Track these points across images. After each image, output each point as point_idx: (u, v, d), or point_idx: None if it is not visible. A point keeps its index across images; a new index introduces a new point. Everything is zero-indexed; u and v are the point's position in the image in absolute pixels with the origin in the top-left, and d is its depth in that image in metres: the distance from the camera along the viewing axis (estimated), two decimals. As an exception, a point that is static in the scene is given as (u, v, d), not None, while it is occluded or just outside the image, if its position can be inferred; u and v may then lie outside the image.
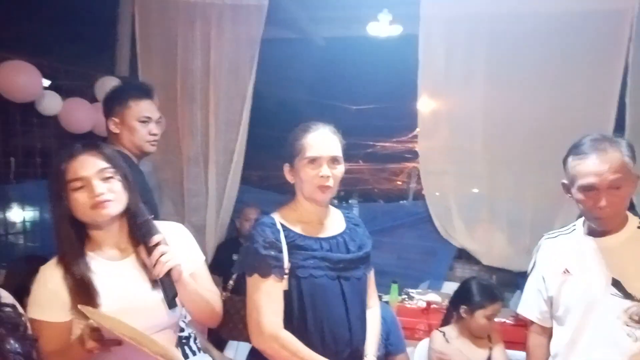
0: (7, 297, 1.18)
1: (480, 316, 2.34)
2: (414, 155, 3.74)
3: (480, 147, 3.55)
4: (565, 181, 1.71)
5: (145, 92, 2.20)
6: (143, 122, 2.15)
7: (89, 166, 1.39)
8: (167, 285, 1.40)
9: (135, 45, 3.85)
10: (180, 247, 1.50)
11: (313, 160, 1.60)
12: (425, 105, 3.64)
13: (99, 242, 1.44)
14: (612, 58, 3.21)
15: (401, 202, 4.79)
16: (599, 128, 3.10)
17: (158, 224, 1.51)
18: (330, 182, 1.60)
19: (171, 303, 1.41)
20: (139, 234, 1.44)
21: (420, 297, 3.28)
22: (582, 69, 3.27)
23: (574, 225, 1.82)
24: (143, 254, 1.43)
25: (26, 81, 2.93)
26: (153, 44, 3.84)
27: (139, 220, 1.44)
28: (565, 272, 1.74)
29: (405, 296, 3.34)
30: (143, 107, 2.16)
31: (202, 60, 3.77)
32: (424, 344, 2.57)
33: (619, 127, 3.15)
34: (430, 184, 3.69)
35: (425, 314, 3.16)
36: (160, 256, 1.38)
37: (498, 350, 2.38)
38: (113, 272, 1.42)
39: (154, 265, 1.38)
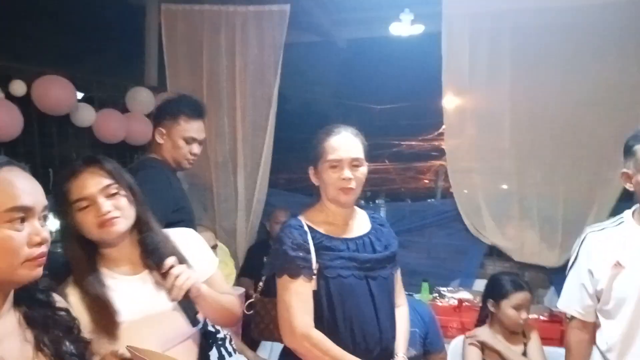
0: (61, 302, 1.22)
1: (506, 307, 2.33)
2: (441, 153, 3.73)
3: (508, 143, 3.52)
4: (627, 170, 1.72)
5: (198, 112, 2.22)
6: (188, 141, 2.18)
7: (93, 184, 1.34)
8: (186, 306, 1.38)
9: (162, 55, 3.95)
10: (193, 254, 1.47)
11: (334, 163, 1.63)
12: (450, 102, 3.63)
13: (112, 258, 1.41)
14: (637, 51, 3.15)
15: (429, 200, 4.76)
16: (628, 121, 3.05)
17: (168, 231, 1.50)
18: (352, 185, 1.63)
19: (194, 322, 1.40)
20: (149, 261, 1.40)
21: (452, 295, 3.27)
22: (609, 62, 3.21)
23: (621, 217, 1.82)
24: (157, 275, 1.39)
25: (61, 94, 3.03)
26: (179, 52, 3.93)
27: (149, 246, 1.40)
28: (617, 265, 1.73)
29: (437, 294, 3.33)
30: (192, 127, 2.18)
31: (228, 67, 3.84)
32: (457, 341, 2.57)
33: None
34: (458, 181, 3.67)
35: (458, 311, 3.15)
36: (175, 280, 1.34)
37: (533, 345, 2.36)
38: (130, 286, 1.39)
39: (170, 290, 1.34)
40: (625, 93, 3.20)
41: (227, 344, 2.59)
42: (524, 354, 2.36)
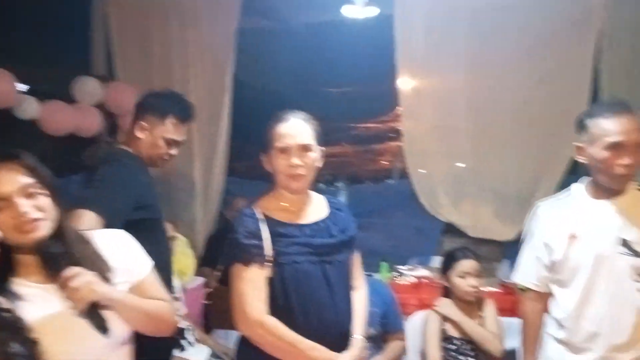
0: (4, 302, 1.18)
1: (453, 276, 2.41)
2: (398, 134, 3.76)
3: (463, 123, 3.58)
4: (579, 144, 1.78)
5: (187, 115, 2.14)
6: (169, 142, 2.09)
7: (10, 182, 1.21)
8: (92, 315, 1.25)
9: (111, 43, 3.83)
10: (120, 259, 1.36)
11: (283, 150, 1.64)
12: (406, 84, 3.66)
13: (27, 265, 1.26)
14: (583, 29, 3.25)
15: (387, 181, 4.83)
16: (574, 99, 3.16)
17: (96, 233, 1.40)
18: (302, 171, 1.64)
19: (102, 330, 1.26)
20: (50, 269, 1.25)
21: (410, 273, 3.35)
22: (555, 41, 3.31)
23: (568, 190, 1.89)
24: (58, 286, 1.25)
25: (1, 88, 2.91)
26: (129, 40, 3.81)
27: (45, 256, 1.25)
28: (571, 236, 1.80)
29: (396, 273, 3.40)
30: (177, 130, 2.09)
31: (180, 54, 3.76)
32: (416, 317, 2.63)
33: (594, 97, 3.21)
34: (415, 162, 3.72)
35: (417, 289, 3.23)
36: (73, 292, 1.21)
37: (489, 315, 2.44)
38: (44, 297, 1.24)
39: (70, 302, 1.22)
40: (569, 72, 3.31)
41: (188, 335, 2.58)
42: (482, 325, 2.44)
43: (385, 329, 2.53)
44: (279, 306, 1.61)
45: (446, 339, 2.42)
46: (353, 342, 1.68)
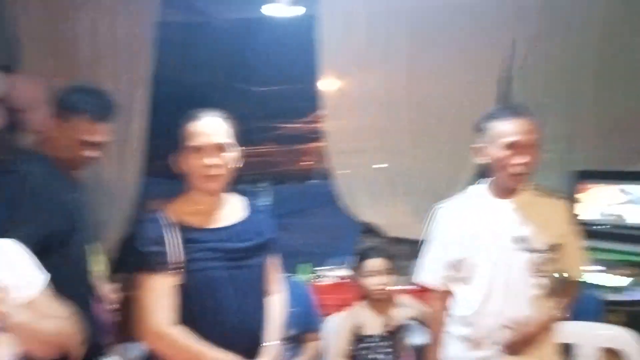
0: None
1: (361, 276, 2.45)
2: (321, 135, 3.80)
3: (384, 123, 3.69)
4: (479, 145, 1.89)
5: (104, 113, 1.92)
6: (87, 144, 1.89)
7: None
8: None
9: (14, 31, 3.54)
10: (9, 273, 1.23)
11: (197, 149, 1.58)
12: (328, 84, 3.70)
13: None
14: (497, 36, 3.44)
15: (310, 182, 4.85)
16: (486, 101, 3.33)
17: None
18: (218, 171, 1.59)
19: None
20: None
21: (331, 274, 3.38)
22: (471, 45, 3.47)
23: (466, 191, 1.97)
24: None
25: None
26: (37, 30, 3.55)
27: None
28: (471, 235, 1.89)
29: (316, 274, 3.42)
30: (92, 130, 1.89)
31: (93, 47, 3.55)
32: (333, 318, 2.65)
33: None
34: (337, 162, 3.77)
35: (336, 289, 3.26)
36: None
37: (398, 312, 2.50)
38: None
39: None
40: (484, 76, 3.49)
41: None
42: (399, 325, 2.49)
43: (303, 329, 2.53)
44: (189, 315, 1.55)
45: (360, 339, 2.45)
46: (265, 350, 1.64)
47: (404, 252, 3.44)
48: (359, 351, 2.43)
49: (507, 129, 1.80)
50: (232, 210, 1.72)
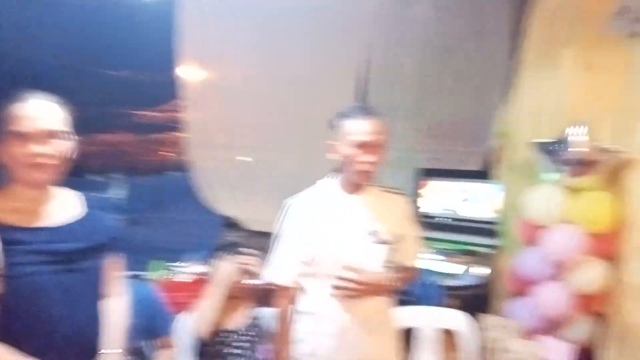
0: None
1: (215, 275, 2.40)
2: (181, 125, 3.66)
3: (246, 116, 3.65)
4: (331, 142, 1.91)
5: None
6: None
7: None
8: None
9: None
10: None
11: (20, 135, 1.39)
12: (191, 74, 3.58)
13: None
14: (351, 36, 3.60)
15: (168, 174, 4.65)
16: (340, 100, 3.47)
17: None
18: (44, 160, 1.40)
19: None
20: None
21: (186, 270, 3.26)
22: (327, 46, 3.59)
23: (315, 187, 2.02)
24: None
25: None
26: None
27: None
28: (322, 229, 1.92)
29: (170, 271, 3.27)
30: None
31: None
32: (183, 316, 2.55)
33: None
34: (197, 154, 3.66)
35: (194, 286, 3.14)
36: None
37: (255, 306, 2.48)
38: None
39: None
40: (341, 76, 3.64)
41: None
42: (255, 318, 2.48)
43: (152, 335, 2.38)
44: (11, 328, 1.35)
45: (215, 334, 2.39)
46: (102, 359, 1.52)
47: (265, 246, 3.47)
48: (214, 346, 2.37)
49: (357, 128, 1.87)
50: (63, 206, 1.50)
